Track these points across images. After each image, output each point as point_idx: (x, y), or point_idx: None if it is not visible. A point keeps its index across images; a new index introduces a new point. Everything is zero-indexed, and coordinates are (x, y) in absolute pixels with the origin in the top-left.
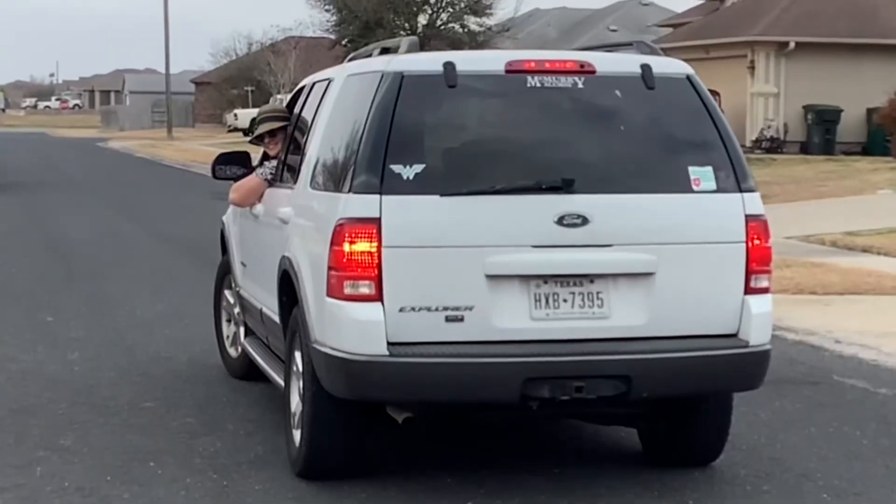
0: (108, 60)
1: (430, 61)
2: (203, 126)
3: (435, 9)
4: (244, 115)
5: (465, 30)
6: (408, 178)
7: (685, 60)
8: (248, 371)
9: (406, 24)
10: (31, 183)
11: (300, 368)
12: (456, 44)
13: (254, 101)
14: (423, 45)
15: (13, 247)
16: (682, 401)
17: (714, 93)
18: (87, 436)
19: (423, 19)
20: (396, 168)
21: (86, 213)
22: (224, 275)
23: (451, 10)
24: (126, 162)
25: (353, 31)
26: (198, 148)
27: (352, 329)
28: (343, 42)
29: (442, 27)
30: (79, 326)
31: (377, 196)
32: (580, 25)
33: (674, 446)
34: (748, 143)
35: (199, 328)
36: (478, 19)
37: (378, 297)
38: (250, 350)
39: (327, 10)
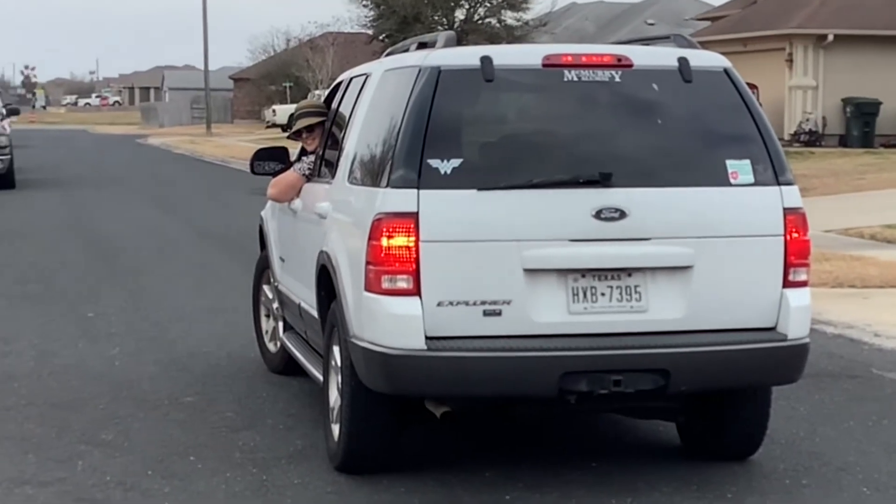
0: (147, 57)
1: (467, 56)
2: (241, 122)
3: (472, 3)
4: (282, 111)
5: (503, 24)
6: (445, 172)
7: (723, 54)
8: (286, 366)
9: (444, 19)
10: (71, 179)
11: (338, 363)
12: (493, 38)
13: (292, 97)
14: (461, 40)
15: (55, 243)
16: (721, 395)
17: (752, 86)
18: (128, 430)
19: (460, 14)
20: (434, 162)
21: (125, 208)
22: (262, 270)
23: (488, 4)
24: (165, 158)
25: (390, 26)
26: (236, 144)
27: (390, 323)
28: (381, 37)
29: (479, 22)
30: (119, 322)
31: (415, 191)
32: (618, 19)
33: (712, 440)
34: (786, 137)
35: (238, 323)
36: (515, 14)
37: (416, 291)
38: (289, 345)
39: (365, 6)
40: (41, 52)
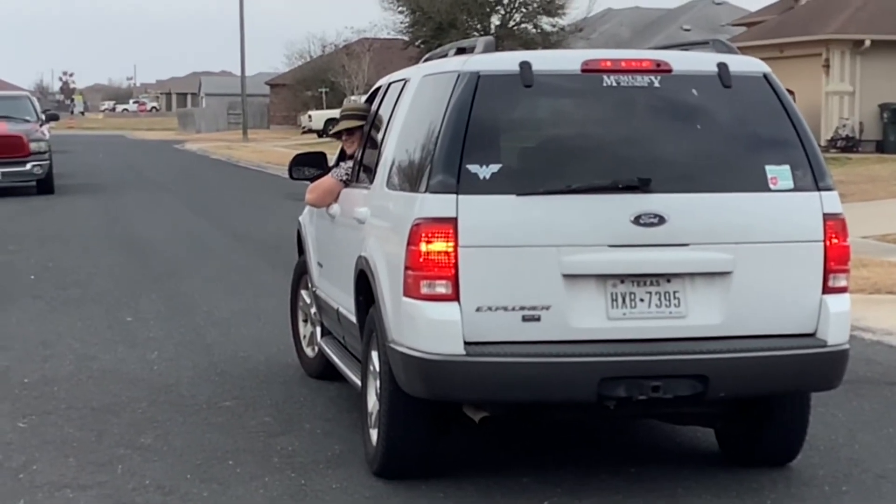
0: (184, 63)
1: (506, 61)
2: (278, 127)
3: (508, 9)
4: (318, 117)
5: (538, 30)
6: (484, 177)
7: (759, 59)
8: (324, 370)
9: (479, 25)
10: (110, 184)
11: (377, 368)
12: (529, 44)
13: (328, 103)
14: (496, 46)
15: (93, 247)
16: (760, 401)
17: (789, 92)
18: (167, 434)
19: (496, 20)
20: (473, 168)
21: (163, 213)
22: (300, 275)
23: (524, 10)
24: (202, 163)
25: (426, 32)
26: (273, 149)
27: (429, 329)
28: (416, 43)
29: (515, 27)
30: (158, 326)
31: (454, 196)
32: (653, 25)
33: (751, 446)
34: (823, 142)
35: (275, 328)
36: (551, 19)
37: (455, 296)
38: (327, 350)
39: (401, 12)
40: (79, 58)
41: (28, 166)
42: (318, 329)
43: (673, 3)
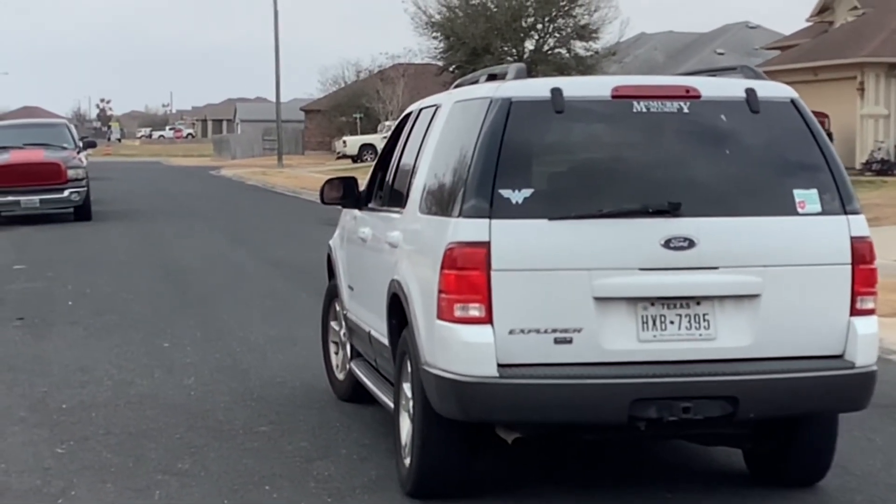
0: (219, 90)
1: (537, 87)
2: (312, 153)
3: (542, 34)
4: (353, 142)
5: (572, 54)
6: (517, 202)
7: (794, 83)
8: (353, 393)
9: (513, 50)
10: (146, 211)
11: (410, 390)
12: (563, 68)
13: (362, 129)
14: (530, 71)
15: (130, 274)
16: (787, 421)
17: (823, 115)
18: (203, 459)
19: (529, 45)
20: (505, 192)
21: (199, 239)
22: (331, 300)
23: (557, 35)
24: (238, 189)
25: (460, 57)
26: (307, 175)
27: (462, 351)
28: (450, 68)
29: (549, 52)
30: (194, 352)
31: (486, 220)
32: (687, 49)
33: (778, 466)
34: (858, 166)
35: (311, 353)
36: (584, 44)
37: (488, 319)
38: (358, 372)
39: (435, 38)
40: (116, 85)
41: (66, 193)
42: (349, 350)
43: (707, 27)
